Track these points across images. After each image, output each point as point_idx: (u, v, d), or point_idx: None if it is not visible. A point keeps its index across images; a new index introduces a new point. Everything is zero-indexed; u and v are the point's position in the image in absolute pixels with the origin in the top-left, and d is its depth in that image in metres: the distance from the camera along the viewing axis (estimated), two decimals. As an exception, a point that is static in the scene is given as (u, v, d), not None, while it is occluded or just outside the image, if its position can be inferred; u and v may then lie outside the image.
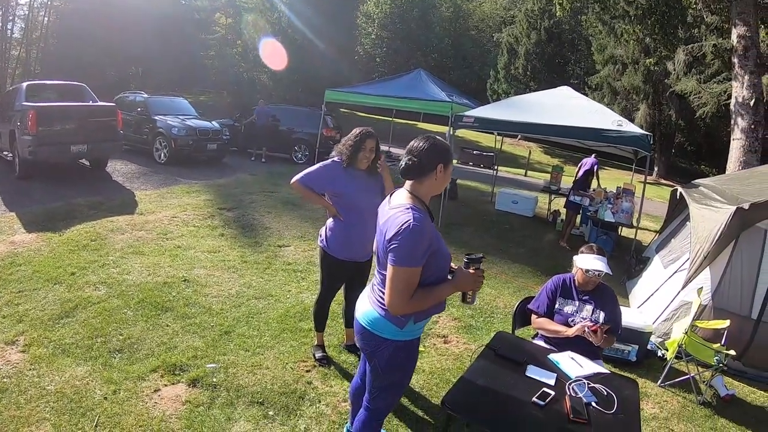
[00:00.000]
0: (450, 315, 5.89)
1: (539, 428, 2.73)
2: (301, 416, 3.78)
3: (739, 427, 4.79)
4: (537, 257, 8.97)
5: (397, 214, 2.47)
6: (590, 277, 3.81)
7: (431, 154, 2.53)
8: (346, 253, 4.11)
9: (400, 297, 2.42)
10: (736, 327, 5.52)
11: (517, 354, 3.43)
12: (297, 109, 18.14)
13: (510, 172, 20.83)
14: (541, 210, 12.80)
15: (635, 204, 9.96)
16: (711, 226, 5.88)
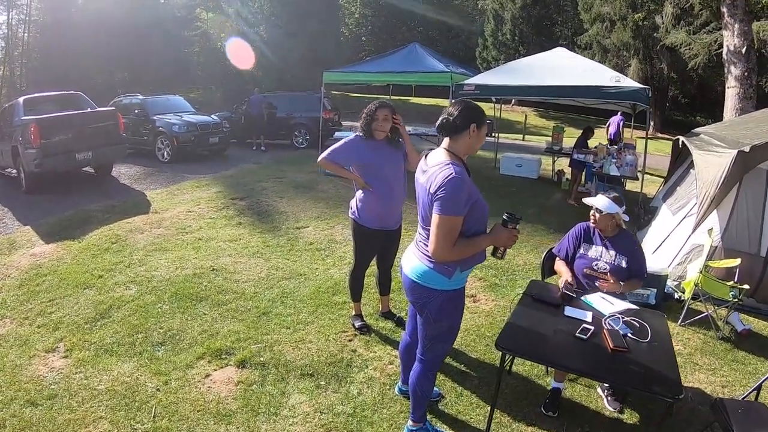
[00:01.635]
0: (474, 276, 6.10)
1: (586, 358, 3.03)
2: (352, 382, 3.98)
3: (758, 358, 5.02)
4: (547, 216, 9.16)
5: (440, 169, 2.68)
6: (594, 214, 4.01)
7: (465, 114, 2.75)
8: (378, 222, 4.30)
9: (445, 244, 2.64)
10: (747, 265, 5.73)
11: (552, 297, 3.71)
12: (293, 94, 18.17)
13: (509, 138, 20.95)
14: (544, 171, 12.99)
15: (638, 157, 10.13)
16: (715, 170, 6.08)
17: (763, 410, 3.41)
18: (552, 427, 3.64)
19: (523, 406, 3.83)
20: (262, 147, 15.99)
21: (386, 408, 3.71)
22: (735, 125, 8.20)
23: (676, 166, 8.97)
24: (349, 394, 3.85)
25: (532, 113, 31.50)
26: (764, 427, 3.17)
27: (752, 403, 3.52)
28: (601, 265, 3.96)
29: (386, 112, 4.17)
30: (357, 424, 3.54)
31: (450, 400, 3.84)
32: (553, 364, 3.51)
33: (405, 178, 4.35)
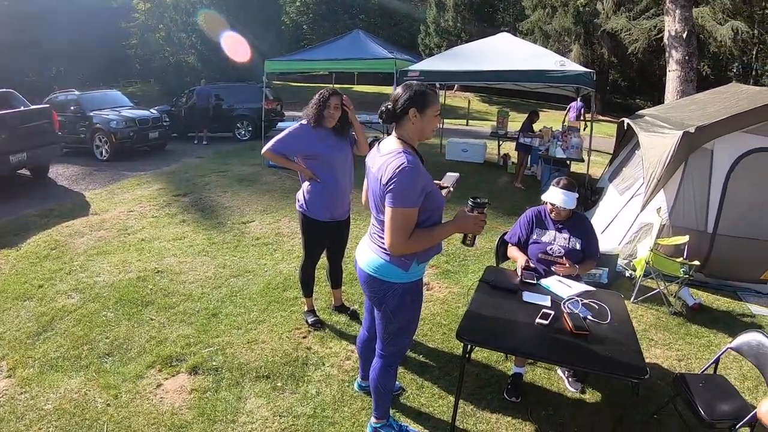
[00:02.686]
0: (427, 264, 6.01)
1: (549, 344, 2.97)
2: (310, 381, 3.86)
3: (711, 330, 5.14)
4: (495, 200, 9.18)
5: (391, 158, 2.56)
6: (555, 209, 3.96)
7: (404, 99, 2.61)
8: (327, 214, 4.17)
9: (400, 237, 2.53)
10: (695, 242, 5.87)
11: (510, 283, 3.66)
12: (235, 85, 17.74)
13: (452, 124, 20.99)
14: (490, 155, 13.05)
15: (582, 139, 10.29)
16: (661, 151, 6.21)
17: (722, 382, 3.48)
18: (516, 412, 3.61)
19: (485, 394, 3.79)
20: (204, 141, 15.59)
21: (347, 406, 3.61)
22: (679, 107, 8.39)
23: (621, 147, 9.14)
24: (308, 394, 3.73)
25: (475, 98, 31.72)
26: (725, 398, 3.22)
27: (712, 376, 3.58)
28: (556, 249, 3.93)
29: (338, 100, 4.06)
30: (318, 425, 3.42)
31: (411, 393, 3.77)
32: (516, 352, 3.46)
33: (353, 167, 4.25)
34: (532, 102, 18.29)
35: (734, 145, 6.12)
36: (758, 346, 3.33)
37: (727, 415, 3.07)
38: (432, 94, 2.64)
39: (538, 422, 3.54)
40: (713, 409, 3.09)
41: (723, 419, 3.05)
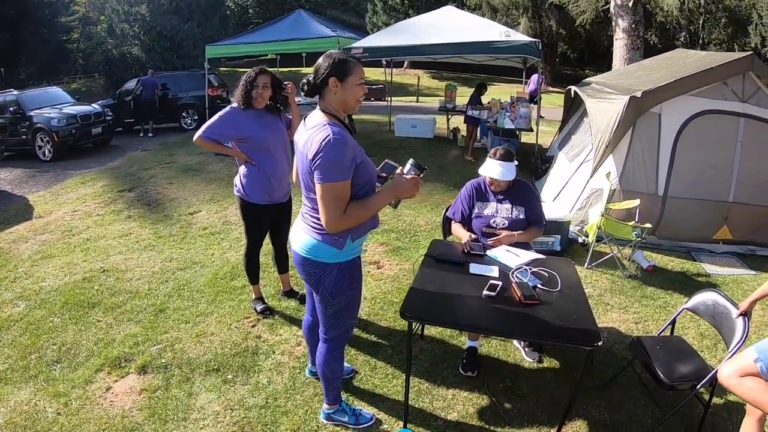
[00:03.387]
0: (376, 241, 6.02)
1: (498, 316, 2.86)
2: (260, 371, 3.74)
3: (666, 292, 5.17)
4: (446, 173, 9.17)
5: (315, 132, 2.42)
6: (495, 181, 3.83)
7: (322, 70, 2.47)
8: (266, 197, 4.02)
9: (335, 212, 2.40)
10: (646, 205, 5.92)
11: (456, 256, 3.54)
12: (179, 74, 17.34)
13: (403, 101, 20.85)
14: (440, 130, 12.99)
15: (531, 109, 10.31)
16: (609, 116, 6.23)
17: (680, 343, 3.46)
18: (473, 386, 3.54)
19: (441, 370, 3.71)
20: (150, 133, 15.15)
21: (299, 393, 3.50)
22: (625, 74, 8.46)
23: (570, 116, 9.17)
24: (259, 384, 3.61)
25: (425, 75, 31.61)
26: (684, 360, 3.20)
27: (669, 338, 3.56)
28: (499, 221, 3.83)
29: (266, 78, 3.90)
30: (271, 415, 3.31)
31: (364, 375, 3.67)
32: (463, 326, 3.37)
33: (289, 147, 4.07)
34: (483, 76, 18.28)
35: (681, 108, 6.19)
36: (714, 306, 3.31)
37: (687, 377, 3.05)
38: (353, 62, 2.50)
39: (496, 395, 3.48)
40: (672, 371, 3.05)
41: (683, 381, 3.03)
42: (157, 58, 28.65)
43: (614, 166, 6.23)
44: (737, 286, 5.55)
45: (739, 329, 3.02)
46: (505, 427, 3.24)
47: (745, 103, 6.24)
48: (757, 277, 5.82)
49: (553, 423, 3.26)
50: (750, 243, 6.45)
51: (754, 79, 6.28)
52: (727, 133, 6.25)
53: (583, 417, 3.38)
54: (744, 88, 6.26)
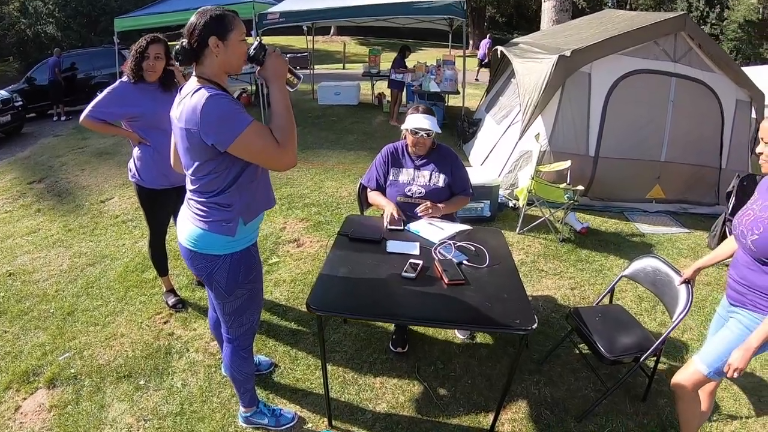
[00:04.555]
0: (296, 217, 5.67)
1: (419, 302, 2.52)
2: (174, 372, 3.38)
3: (601, 254, 5.07)
4: (371, 140, 8.93)
5: (190, 99, 2.06)
6: (419, 138, 3.47)
7: (199, 30, 2.08)
8: (163, 180, 3.60)
9: (274, 151, 2.09)
10: (577, 166, 5.80)
11: (372, 233, 3.18)
12: (90, 51, 16.16)
13: (329, 69, 20.34)
14: (364, 96, 12.70)
15: (457, 72, 10.09)
16: (537, 77, 6.06)
17: (619, 312, 3.30)
18: (403, 372, 3.30)
19: (367, 356, 3.45)
20: (63, 116, 14.18)
21: (215, 395, 3.16)
22: (554, 33, 8.34)
23: (497, 77, 9.01)
24: (173, 388, 3.24)
25: (352, 42, 30.95)
26: (625, 330, 3.04)
27: (608, 307, 3.40)
28: (415, 189, 3.50)
29: (159, 48, 3.43)
30: (187, 423, 2.97)
31: (285, 368, 3.35)
32: (379, 317, 2.99)
33: None
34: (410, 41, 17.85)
35: (612, 67, 6.09)
36: (655, 273, 3.15)
37: (630, 349, 2.89)
38: (232, 15, 2.12)
39: (428, 379, 3.25)
40: (614, 345, 2.89)
41: (625, 354, 2.86)
42: (74, 36, 27.02)
43: (543, 127, 6.08)
44: (672, 245, 5.50)
45: (682, 298, 2.87)
46: (440, 415, 3.01)
47: (677, 63, 6.23)
48: (690, 235, 5.81)
49: (491, 405, 3.07)
50: (682, 201, 6.50)
51: (685, 39, 6.25)
52: (658, 93, 6.23)
53: (522, 396, 3.20)
54: (676, 48, 6.23)
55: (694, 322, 4.16)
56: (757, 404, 3.41)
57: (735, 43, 24.24)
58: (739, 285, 2.38)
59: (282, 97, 2.17)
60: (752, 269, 2.30)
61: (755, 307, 2.29)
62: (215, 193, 2.20)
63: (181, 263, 4.61)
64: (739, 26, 23.55)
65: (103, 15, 27.03)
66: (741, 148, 6.68)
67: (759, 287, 2.27)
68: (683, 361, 3.69)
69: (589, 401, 3.17)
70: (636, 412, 3.16)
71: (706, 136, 6.47)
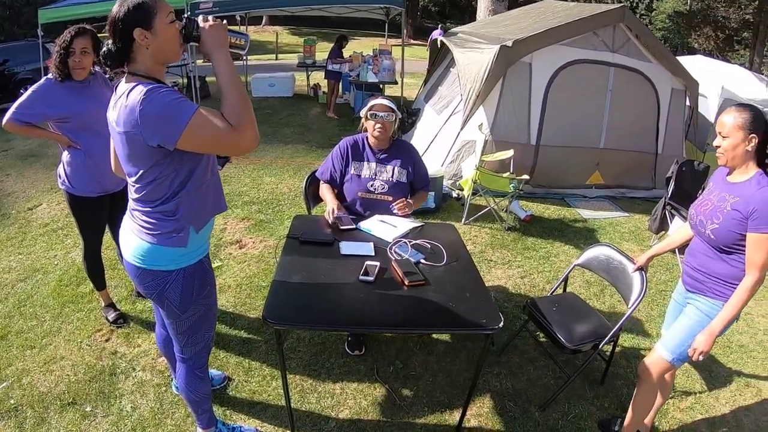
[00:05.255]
0: (236, 217, 5.46)
1: (379, 306, 2.43)
2: (122, 395, 3.14)
3: (547, 240, 5.13)
4: (308, 133, 8.79)
5: (127, 96, 1.84)
6: (380, 121, 3.35)
7: (120, 25, 1.86)
8: (96, 187, 3.34)
9: (228, 134, 1.84)
10: (519, 155, 5.87)
11: (323, 235, 3.06)
12: (13, 45, 15.09)
13: (261, 59, 19.88)
14: (300, 87, 12.46)
15: (394, 61, 10.04)
16: (478, 66, 6.07)
17: (574, 301, 3.34)
18: (362, 375, 3.22)
19: (324, 360, 3.34)
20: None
21: (169, 417, 2.96)
22: (493, 23, 8.38)
23: (436, 67, 8.98)
24: (123, 412, 3.01)
25: (284, 32, 30.35)
26: (581, 319, 3.08)
27: (563, 296, 3.43)
28: (378, 185, 3.40)
29: (85, 42, 3.12)
30: (142, 451, 2.77)
31: (239, 381, 3.19)
32: (344, 327, 2.88)
33: None
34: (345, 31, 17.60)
35: (552, 57, 6.18)
36: (608, 261, 3.22)
37: (588, 337, 2.93)
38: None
39: (388, 380, 3.18)
40: (572, 334, 2.91)
41: (584, 342, 2.90)
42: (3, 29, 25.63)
43: (486, 117, 6.10)
44: (613, 229, 5.63)
45: (636, 285, 2.95)
46: (405, 417, 2.95)
47: (615, 53, 6.39)
48: (630, 218, 5.96)
49: (455, 402, 3.04)
50: (621, 186, 6.69)
51: (624, 30, 6.41)
52: (597, 82, 6.37)
53: (484, 389, 3.19)
54: (614, 39, 6.38)
55: (643, 304, 4.25)
56: (708, 379, 3.53)
57: (663, 33, 25.12)
58: (696, 272, 2.44)
59: (228, 70, 1.91)
60: (710, 257, 2.37)
61: (714, 293, 2.36)
62: (162, 201, 2.00)
63: (118, 274, 4.36)
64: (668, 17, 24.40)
65: (26, 6, 25.63)
66: (676, 134, 6.95)
67: (718, 274, 2.34)
68: (635, 342, 3.79)
69: (550, 390, 3.20)
70: (596, 395, 3.22)
71: (643, 123, 6.68)
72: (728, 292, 2.30)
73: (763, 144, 2.23)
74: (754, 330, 4.28)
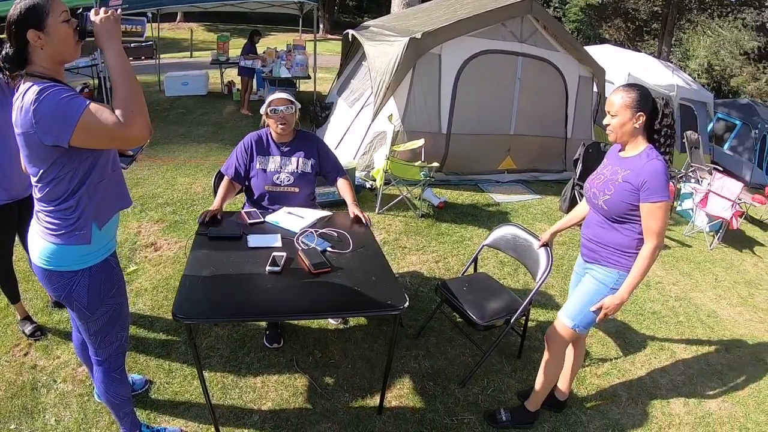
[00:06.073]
0: (150, 219, 5.31)
1: (287, 296, 2.45)
2: (45, 409, 3.02)
3: (460, 225, 5.27)
4: (222, 131, 8.67)
5: (21, 100, 1.83)
6: (281, 115, 3.36)
7: (13, 28, 1.84)
8: (2, 195, 3.17)
9: (117, 128, 1.82)
10: (431, 143, 6.00)
11: (231, 229, 3.05)
12: None
13: (175, 57, 19.32)
14: (214, 85, 12.20)
15: (308, 56, 10.03)
16: (388, 59, 6.14)
17: (485, 280, 3.45)
18: (282, 367, 3.23)
19: (243, 355, 3.33)
20: None
21: (94, 426, 2.87)
22: (404, 16, 8.49)
23: (348, 61, 9.03)
24: (48, 426, 2.89)
25: (199, 28, 29.49)
26: (491, 296, 3.19)
27: (474, 276, 3.54)
28: (284, 177, 3.41)
29: None
30: (70, 461, 2.68)
31: (161, 383, 3.13)
32: (252, 317, 2.93)
33: None
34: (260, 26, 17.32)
35: (461, 48, 6.32)
36: (514, 239, 3.33)
37: (499, 313, 3.04)
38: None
39: (308, 370, 3.21)
40: (484, 311, 3.01)
41: (496, 318, 3.00)
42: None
43: (396, 108, 6.19)
44: (526, 211, 5.83)
45: (543, 260, 3.08)
46: (327, 404, 2.99)
47: (523, 44, 6.62)
48: (542, 200, 6.19)
49: (375, 386, 3.10)
50: (533, 170, 6.96)
51: (532, 21, 6.64)
52: (506, 72, 6.58)
53: (403, 371, 3.27)
54: (522, 30, 6.60)
55: (554, 280, 4.47)
56: (623, 346, 3.75)
57: (576, 24, 25.92)
58: (592, 243, 2.59)
59: (119, 63, 1.88)
60: (604, 227, 2.52)
61: (608, 262, 2.51)
62: (63, 199, 1.98)
63: (33, 286, 4.17)
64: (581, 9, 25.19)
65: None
66: (584, 119, 7.30)
67: (610, 243, 2.49)
68: (549, 316, 3.96)
69: (469, 367, 3.31)
70: (514, 369, 3.36)
71: (552, 109, 6.97)
72: (621, 260, 2.46)
73: (651, 121, 2.38)
74: (665, 297, 4.56)
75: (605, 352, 3.66)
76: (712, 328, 4.22)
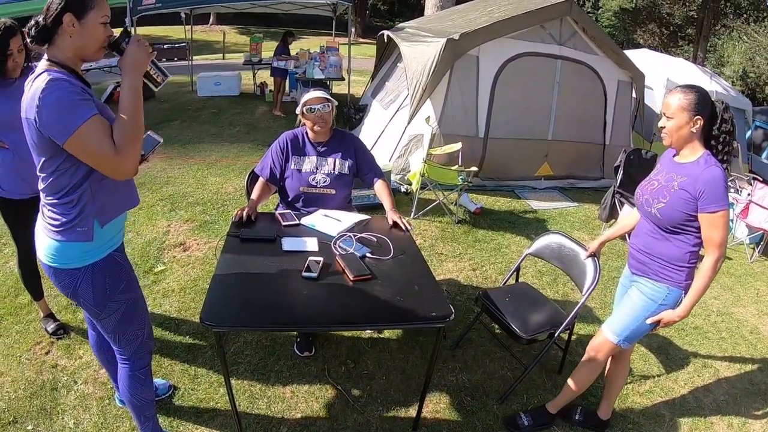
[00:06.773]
0: (180, 218, 5.24)
1: (323, 303, 2.31)
2: (64, 411, 2.94)
3: (497, 233, 5.10)
4: (254, 132, 8.61)
5: (32, 85, 1.79)
6: (318, 114, 3.23)
7: (55, 5, 1.80)
8: (25, 188, 3.13)
9: (109, 155, 1.80)
10: (468, 147, 5.85)
11: (264, 231, 2.92)
12: None
13: (208, 59, 19.46)
14: (246, 86, 12.19)
15: (342, 58, 9.95)
16: (425, 60, 6.01)
17: (527, 290, 3.31)
18: (313, 377, 3.10)
19: (273, 363, 3.20)
20: None
21: (114, 431, 2.79)
22: (440, 18, 8.38)
23: (382, 63, 8.93)
24: (66, 429, 2.81)
25: (232, 31, 29.84)
26: (535, 308, 3.05)
27: (515, 286, 3.39)
28: (320, 178, 3.28)
29: (19, 38, 2.98)
30: (86, 467, 2.58)
31: (185, 389, 3.02)
32: (284, 327, 2.76)
33: None
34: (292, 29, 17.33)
35: (499, 50, 6.18)
36: (560, 249, 3.19)
37: (543, 326, 2.90)
38: None
39: (340, 380, 3.08)
40: (527, 324, 2.87)
41: (539, 331, 2.86)
42: None
43: (433, 110, 6.06)
44: (563, 219, 5.65)
45: (590, 271, 2.93)
46: (359, 418, 2.84)
47: (562, 46, 6.45)
48: (580, 208, 6.00)
49: (410, 400, 2.95)
50: (570, 177, 6.75)
51: (570, 23, 6.48)
52: (545, 75, 6.42)
53: (440, 385, 3.11)
54: (561, 32, 6.44)
55: (596, 291, 4.25)
56: (666, 362, 3.56)
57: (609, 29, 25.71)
58: (641, 254, 2.44)
59: (132, 95, 1.88)
60: (655, 237, 2.37)
61: (657, 276, 2.37)
62: (65, 192, 1.93)
63: (54, 282, 4.13)
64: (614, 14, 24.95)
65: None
66: (623, 125, 7.09)
67: (661, 255, 2.35)
68: (589, 329, 3.79)
69: (508, 381, 3.15)
70: (554, 385, 3.18)
71: (591, 114, 6.77)
72: (672, 275, 2.32)
73: (709, 125, 2.22)
74: (707, 312, 4.35)
75: (647, 369, 3.47)
76: (755, 345, 3.99)
